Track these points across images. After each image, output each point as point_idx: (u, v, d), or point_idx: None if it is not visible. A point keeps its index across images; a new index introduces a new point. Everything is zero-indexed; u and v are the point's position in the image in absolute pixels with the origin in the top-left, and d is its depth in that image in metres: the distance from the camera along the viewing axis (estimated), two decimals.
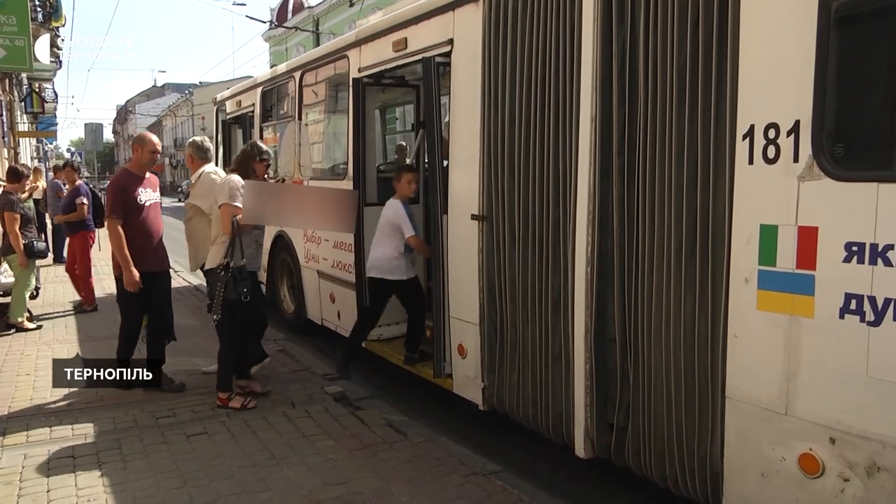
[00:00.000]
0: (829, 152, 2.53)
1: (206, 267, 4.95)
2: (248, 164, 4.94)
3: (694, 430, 3.01)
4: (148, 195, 5.12)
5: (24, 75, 19.48)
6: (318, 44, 28.80)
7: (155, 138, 5.37)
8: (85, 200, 8.45)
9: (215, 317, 4.72)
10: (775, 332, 2.66)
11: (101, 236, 8.52)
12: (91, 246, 8.71)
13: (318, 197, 5.35)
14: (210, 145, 5.65)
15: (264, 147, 5.16)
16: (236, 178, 4.80)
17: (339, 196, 5.18)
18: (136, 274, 4.89)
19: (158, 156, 5.35)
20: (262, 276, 7.79)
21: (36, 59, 15.16)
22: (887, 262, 2.31)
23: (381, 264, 5.19)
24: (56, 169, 10.18)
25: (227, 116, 9.23)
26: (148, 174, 5.22)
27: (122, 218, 4.91)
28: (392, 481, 3.69)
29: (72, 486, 3.69)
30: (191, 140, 5.64)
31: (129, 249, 4.90)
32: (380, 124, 7.46)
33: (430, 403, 5.07)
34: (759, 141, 2.66)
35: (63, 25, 17.56)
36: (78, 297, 8.70)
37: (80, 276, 8.51)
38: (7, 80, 18.04)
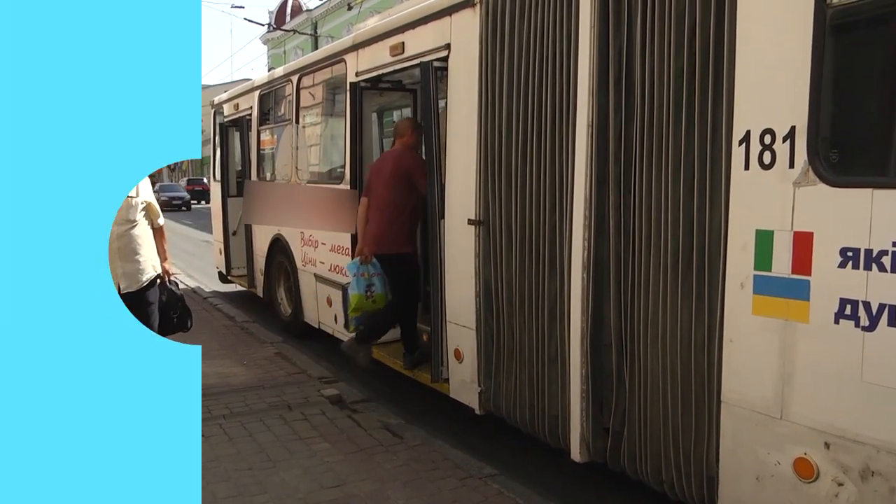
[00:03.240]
0: (824, 158, 2.54)
1: None
2: None
3: (689, 435, 3.02)
4: None
5: None
6: (316, 47, 28.83)
7: None
8: None
9: None
10: (770, 337, 2.67)
11: None
12: None
13: (318, 197, 5.35)
14: None
15: None
16: None
17: (339, 196, 5.18)
18: None
19: None
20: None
21: None
22: (882, 268, 2.33)
23: None
24: None
25: (225, 119, 9.23)
26: None
27: None
28: (388, 484, 3.69)
29: None
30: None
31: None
32: (377, 127, 7.47)
33: (427, 407, 5.07)
34: (755, 147, 2.68)
35: None
36: None
37: None
38: None
